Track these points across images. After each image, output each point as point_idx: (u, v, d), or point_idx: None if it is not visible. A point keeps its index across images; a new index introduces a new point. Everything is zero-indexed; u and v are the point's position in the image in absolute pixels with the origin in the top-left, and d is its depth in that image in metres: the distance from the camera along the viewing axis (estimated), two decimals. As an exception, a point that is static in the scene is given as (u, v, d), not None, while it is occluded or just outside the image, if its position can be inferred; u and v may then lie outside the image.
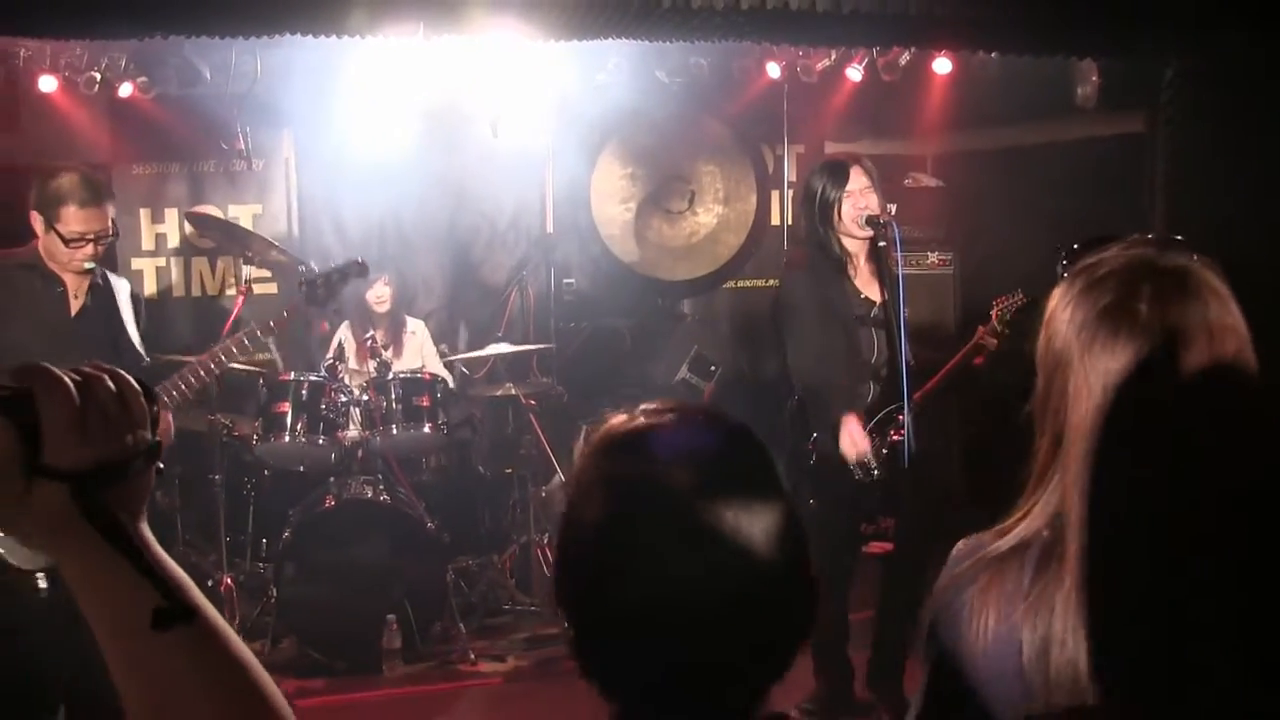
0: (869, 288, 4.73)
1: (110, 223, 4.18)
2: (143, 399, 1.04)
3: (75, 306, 4.19)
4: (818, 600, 1.31)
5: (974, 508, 1.84)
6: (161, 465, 1.07)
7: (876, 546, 5.57)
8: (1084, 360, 1.51)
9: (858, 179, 4.58)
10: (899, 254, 5.03)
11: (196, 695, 1.02)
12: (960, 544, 1.68)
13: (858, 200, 4.58)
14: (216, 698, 1.03)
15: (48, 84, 6.03)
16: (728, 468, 1.29)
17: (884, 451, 4.65)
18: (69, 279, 4.16)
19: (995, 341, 4.85)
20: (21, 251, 4.25)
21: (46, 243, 4.10)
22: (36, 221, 4.09)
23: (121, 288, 4.38)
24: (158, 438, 1.06)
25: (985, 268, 6.81)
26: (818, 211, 4.65)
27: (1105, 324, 1.50)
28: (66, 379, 0.98)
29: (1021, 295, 4.96)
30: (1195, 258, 1.56)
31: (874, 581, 4.90)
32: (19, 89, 6.05)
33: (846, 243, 4.67)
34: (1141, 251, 1.56)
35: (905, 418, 4.53)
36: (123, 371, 1.05)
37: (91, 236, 4.10)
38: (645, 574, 1.23)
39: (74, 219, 4.06)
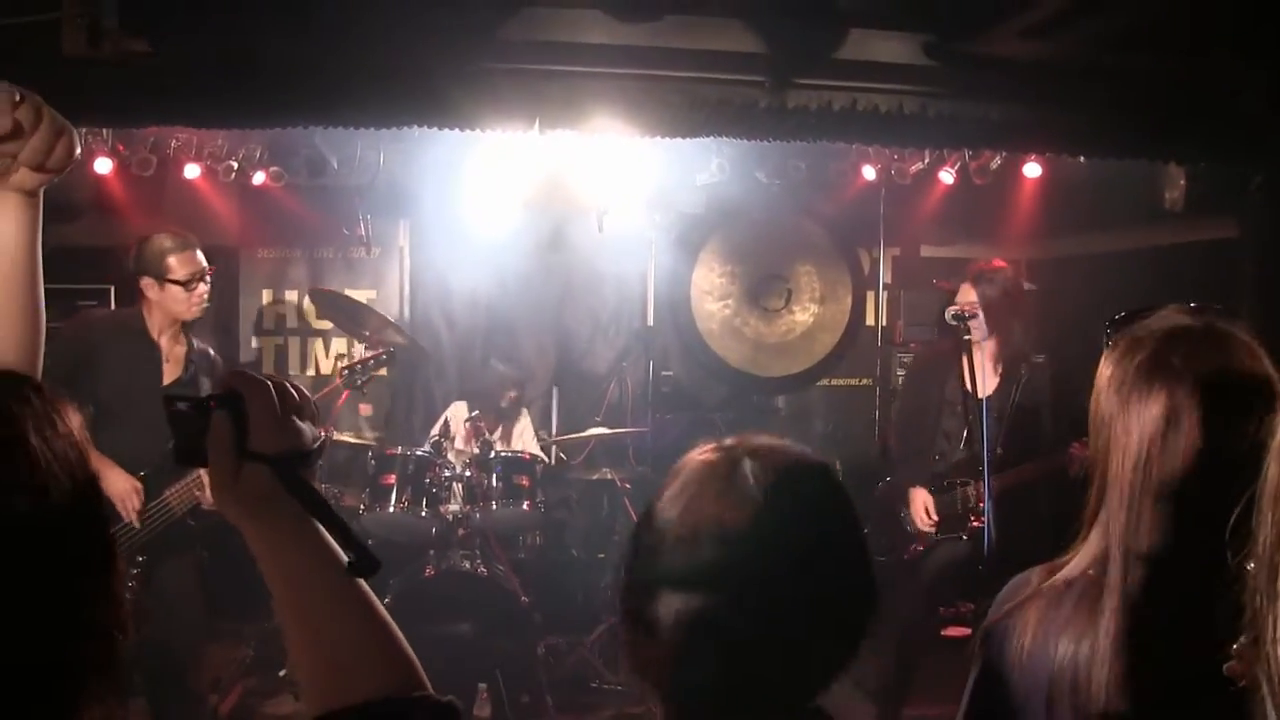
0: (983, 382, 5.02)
1: (205, 262, 4.77)
2: (314, 405, 1.31)
3: (169, 374, 4.62)
4: (874, 609, 1.41)
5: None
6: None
7: (955, 630, 5.61)
8: (1123, 414, 1.65)
9: (966, 293, 5.04)
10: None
11: (362, 643, 1.25)
12: (1013, 580, 1.82)
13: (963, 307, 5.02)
14: (377, 647, 1.26)
15: (191, 171, 6.48)
16: (798, 492, 1.40)
17: (964, 538, 4.81)
18: (166, 346, 4.59)
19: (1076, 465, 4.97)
20: (128, 314, 4.77)
21: (164, 298, 4.62)
22: (148, 284, 4.66)
23: (219, 365, 4.84)
24: (323, 436, 1.33)
25: (1077, 371, 6.87)
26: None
27: (1141, 378, 1.65)
28: (269, 383, 1.25)
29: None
30: (1226, 316, 1.72)
31: (953, 668, 4.94)
32: (167, 175, 6.52)
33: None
34: (1178, 316, 1.72)
35: (986, 504, 4.65)
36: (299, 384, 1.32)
37: (199, 275, 4.69)
38: (706, 583, 1.33)
39: (180, 264, 4.66)
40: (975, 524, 4.79)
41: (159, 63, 3.58)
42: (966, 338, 5.09)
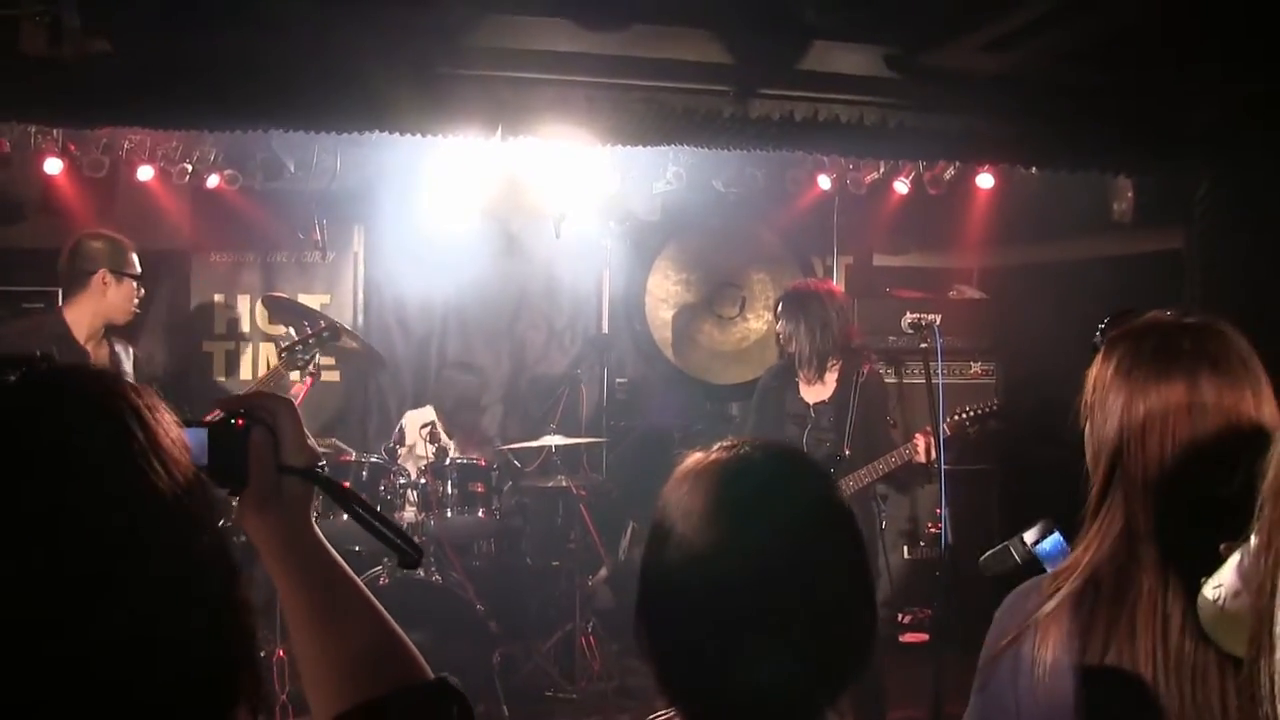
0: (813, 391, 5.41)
1: None
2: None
3: None
4: (876, 616, 1.43)
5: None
6: None
7: (911, 636, 5.66)
8: (1140, 398, 1.65)
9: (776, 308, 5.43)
10: (940, 361, 5.40)
11: (379, 639, 1.31)
12: (1012, 597, 1.75)
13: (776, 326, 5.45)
14: (390, 643, 1.31)
15: (145, 173, 6.38)
16: (794, 491, 1.42)
17: (921, 543, 4.89)
18: (92, 350, 4.71)
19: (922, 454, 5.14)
20: (50, 321, 4.80)
21: (118, 293, 4.65)
22: (103, 277, 4.79)
23: (126, 355, 4.92)
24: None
25: (1026, 378, 6.98)
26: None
27: (1155, 362, 1.66)
28: (293, 402, 1.33)
29: (993, 403, 5.40)
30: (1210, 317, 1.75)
31: (910, 674, 4.99)
32: (119, 177, 6.42)
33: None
34: (1169, 315, 1.75)
35: (942, 511, 4.72)
36: None
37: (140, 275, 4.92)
38: (711, 588, 1.35)
39: (135, 262, 4.91)
40: (933, 530, 4.86)
41: (119, 63, 3.54)
42: (923, 345, 5.21)
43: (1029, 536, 2.15)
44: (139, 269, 4.89)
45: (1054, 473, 2.21)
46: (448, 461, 6.11)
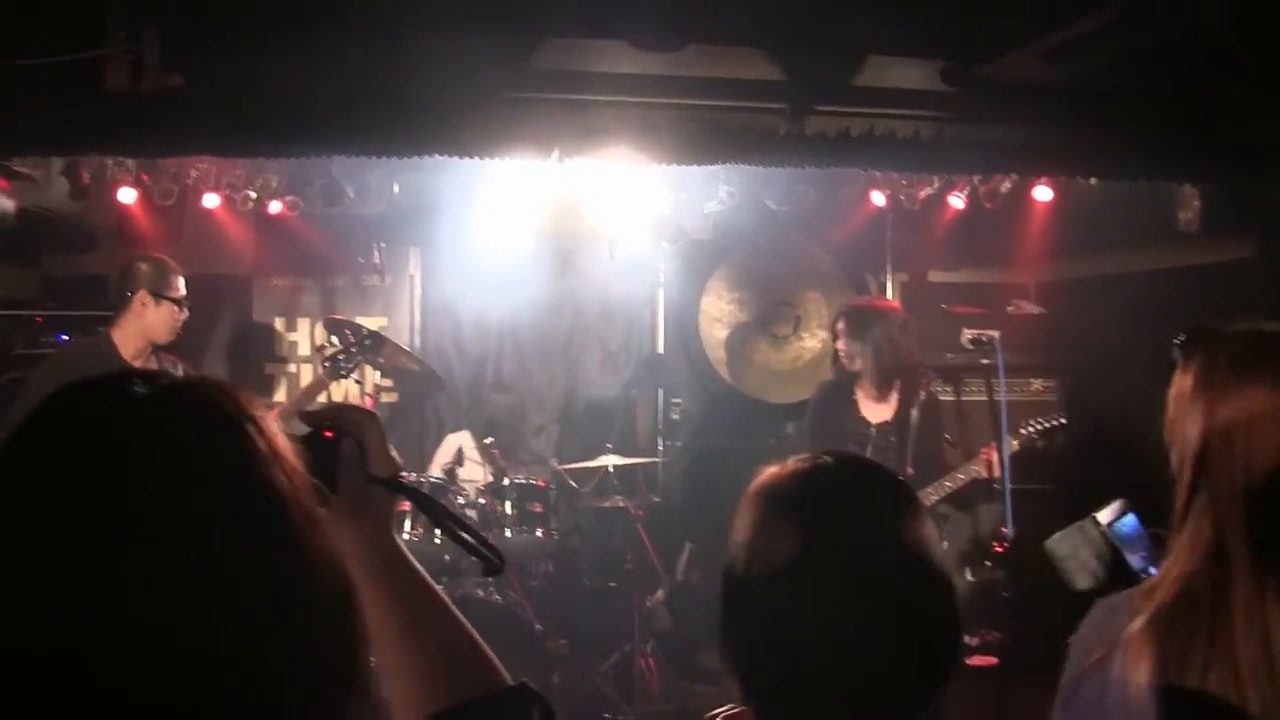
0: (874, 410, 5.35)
1: None
2: None
3: None
4: (960, 636, 1.44)
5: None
6: None
7: (978, 660, 5.59)
8: (1223, 403, 1.61)
9: (838, 324, 5.41)
10: (1002, 378, 5.38)
11: (461, 645, 1.34)
12: (1096, 612, 1.70)
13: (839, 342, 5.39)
14: (471, 649, 1.34)
15: (210, 201, 6.53)
16: (878, 501, 1.43)
17: (987, 563, 4.84)
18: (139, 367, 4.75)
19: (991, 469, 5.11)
20: (97, 340, 4.89)
21: (156, 316, 4.78)
22: (143, 298, 4.86)
23: (176, 373, 4.99)
24: None
25: (1088, 393, 6.89)
26: None
27: (1234, 370, 1.63)
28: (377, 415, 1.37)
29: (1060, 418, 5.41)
30: None
31: (977, 698, 4.92)
32: (186, 204, 6.56)
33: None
34: (1250, 326, 1.73)
35: (1007, 530, 4.69)
36: None
37: (186, 300, 4.97)
38: (799, 598, 1.36)
39: (178, 286, 4.94)
40: (999, 549, 4.81)
41: (194, 96, 3.64)
42: (984, 361, 5.19)
43: (1103, 516, 2.01)
44: (180, 292, 4.95)
45: (1119, 490, 2.17)
46: (506, 481, 6.14)
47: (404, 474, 1.38)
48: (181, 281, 4.98)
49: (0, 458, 0.92)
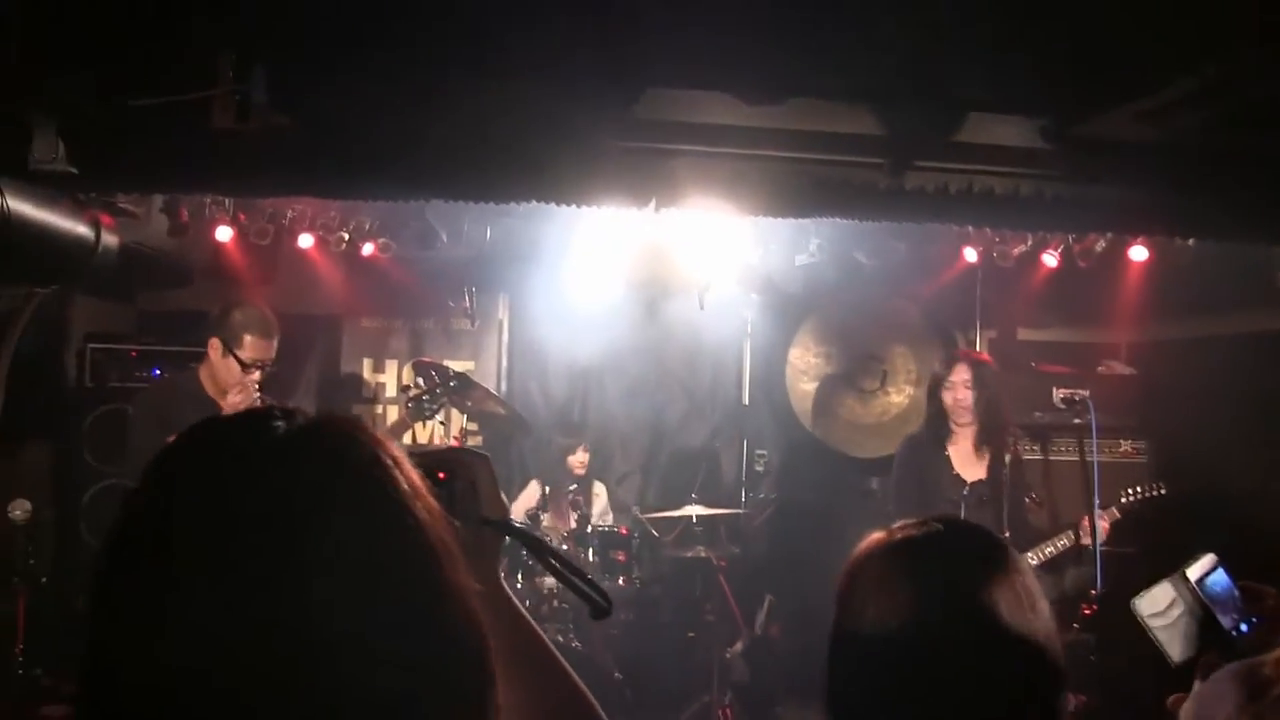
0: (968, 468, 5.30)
1: (274, 354, 4.89)
2: None
3: None
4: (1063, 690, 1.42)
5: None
6: None
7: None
8: None
9: (961, 373, 5.30)
10: (1095, 439, 5.32)
11: (565, 687, 1.38)
12: (1202, 691, 1.69)
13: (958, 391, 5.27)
14: (574, 692, 1.39)
15: (305, 241, 6.65)
16: (990, 568, 1.43)
17: (1075, 625, 4.75)
18: (225, 407, 4.73)
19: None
20: (184, 378, 4.90)
21: (221, 366, 4.73)
22: (214, 345, 4.77)
23: None
24: None
25: (1178, 457, 6.75)
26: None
27: None
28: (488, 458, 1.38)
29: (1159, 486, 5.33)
30: None
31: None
32: (281, 245, 6.70)
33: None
34: None
35: (1096, 592, 4.61)
36: None
37: (261, 364, 4.82)
38: (911, 665, 1.38)
39: (252, 347, 4.83)
40: (1087, 613, 4.74)
41: (297, 137, 3.72)
42: (1076, 421, 5.14)
43: (1192, 572, 1.94)
44: (253, 355, 4.82)
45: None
46: (590, 529, 6.17)
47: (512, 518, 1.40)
48: (257, 342, 4.83)
49: (143, 495, 0.94)
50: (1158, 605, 1.96)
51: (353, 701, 0.87)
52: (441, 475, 1.31)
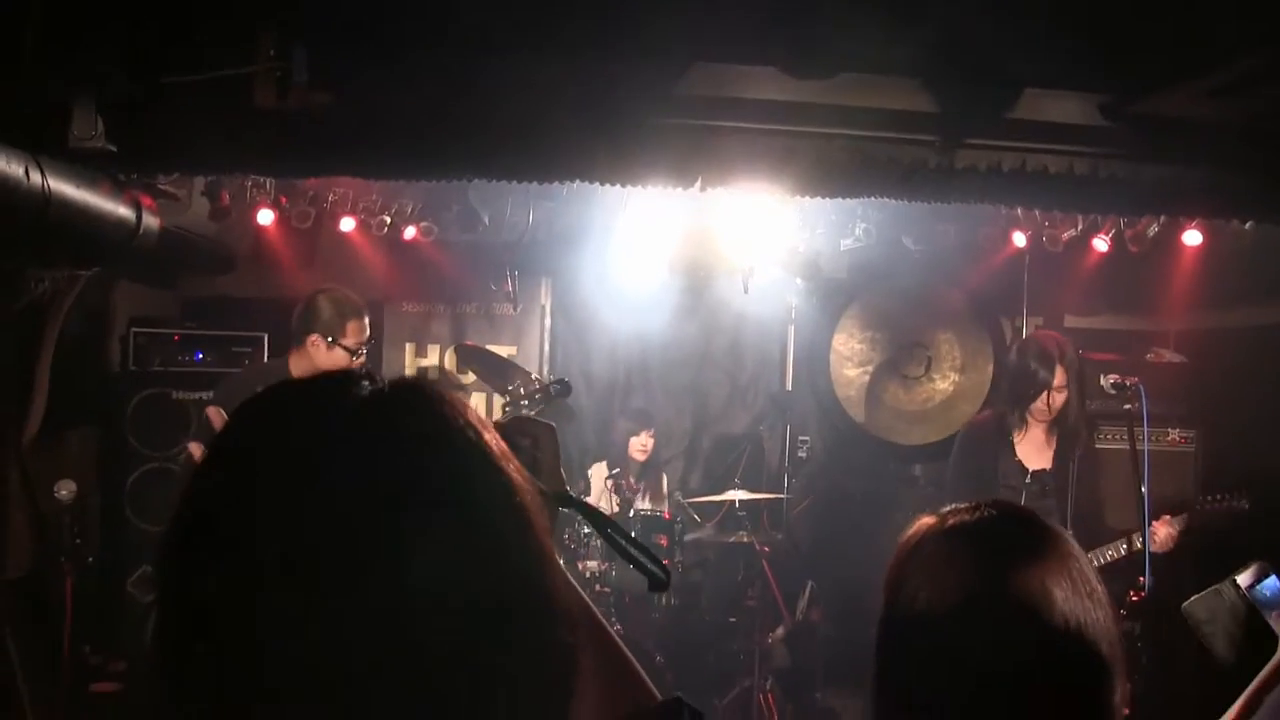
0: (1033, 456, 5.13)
1: (368, 331, 4.91)
2: None
3: None
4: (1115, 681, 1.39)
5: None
6: None
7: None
8: None
9: (1061, 377, 5.01)
10: (1146, 426, 5.18)
11: (618, 661, 1.33)
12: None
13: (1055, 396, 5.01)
14: (627, 666, 1.33)
15: (346, 225, 6.59)
16: (1040, 556, 1.41)
17: (1122, 612, 4.65)
18: None
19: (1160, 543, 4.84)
20: (276, 366, 4.87)
21: (326, 359, 4.67)
22: (315, 342, 4.69)
23: None
24: None
25: (1228, 447, 6.62)
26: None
27: None
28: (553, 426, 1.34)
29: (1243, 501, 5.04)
30: None
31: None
32: (322, 228, 6.66)
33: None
34: None
35: (1145, 579, 4.53)
36: None
37: (364, 344, 4.85)
38: (962, 651, 1.36)
39: (355, 331, 4.82)
40: (1134, 599, 4.64)
41: (338, 115, 3.68)
42: (1126, 407, 5.02)
43: (1243, 579, 1.99)
44: (355, 338, 4.84)
45: (1260, 549, 2.09)
46: (632, 513, 6.13)
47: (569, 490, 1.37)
48: (358, 325, 4.86)
49: (220, 459, 0.90)
50: (1208, 611, 2.03)
51: (456, 664, 0.83)
52: (525, 441, 1.28)
